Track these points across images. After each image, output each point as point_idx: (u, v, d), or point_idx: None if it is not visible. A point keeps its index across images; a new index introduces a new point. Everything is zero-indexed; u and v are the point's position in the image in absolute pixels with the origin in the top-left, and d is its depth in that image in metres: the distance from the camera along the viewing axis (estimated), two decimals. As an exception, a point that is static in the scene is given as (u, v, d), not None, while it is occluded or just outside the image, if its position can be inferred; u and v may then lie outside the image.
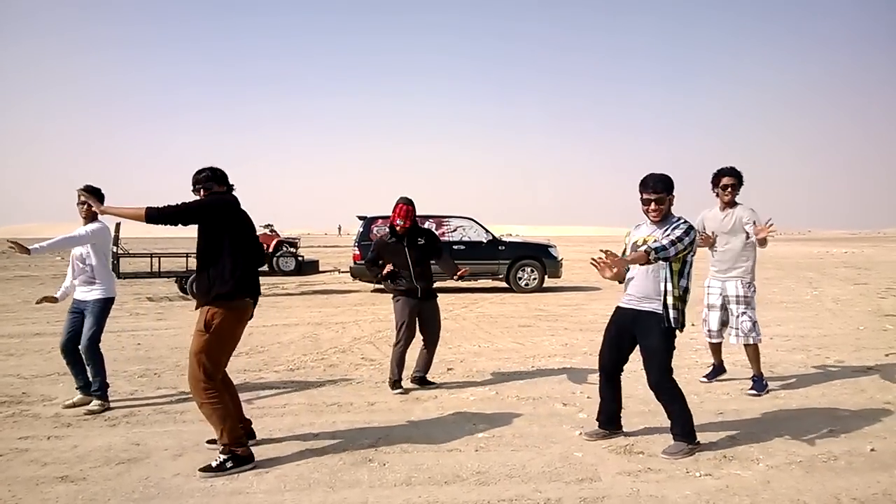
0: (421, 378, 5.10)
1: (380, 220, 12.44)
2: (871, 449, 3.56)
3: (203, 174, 3.61)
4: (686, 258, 3.51)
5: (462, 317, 9.25)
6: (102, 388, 4.52)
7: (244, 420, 3.75)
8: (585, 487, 3.10)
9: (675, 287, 3.49)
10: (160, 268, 12.48)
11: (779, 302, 10.62)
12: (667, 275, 3.48)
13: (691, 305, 3.74)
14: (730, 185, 4.78)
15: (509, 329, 8.11)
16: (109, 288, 4.63)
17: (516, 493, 3.04)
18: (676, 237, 3.39)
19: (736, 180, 4.78)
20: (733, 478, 3.19)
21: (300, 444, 3.74)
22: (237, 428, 3.44)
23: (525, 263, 12.69)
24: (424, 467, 3.37)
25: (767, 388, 4.81)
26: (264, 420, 4.19)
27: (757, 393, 4.72)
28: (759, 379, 4.82)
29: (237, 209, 3.58)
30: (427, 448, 3.66)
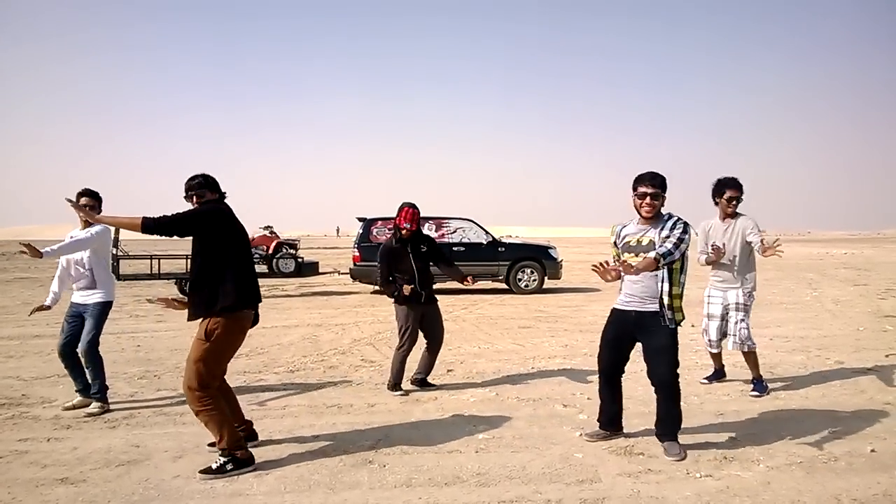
0: (421, 380, 5.10)
1: (379, 222, 12.44)
2: (872, 450, 3.56)
3: (196, 181, 3.55)
4: (686, 255, 3.54)
5: (462, 318, 9.25)
6: (102, 391, 4.51)
7: (245, 422, 3.74)
8: (586, 489, 3.10)
9: (676, 285, 3.51)
10: (160, 269, 12.49)
11: (779, 303, 10.62)
12: (664, 275, 3.48)
13: (691, 306, 3.74)
14: (734, 198, 4.78)
15: (509, 330, 8.11)
16: (109, 291, 4.62)
17: (516, 495, 3.04)
18: (678, 238, 3.41)
19: (739, 192, 4.79)
20: (734, 479, 3.19)
21: (300, 446, 3.74)
22: (235, 432, 3.43)
23: (525, 265, 12.70)
24: (424, 469, 3.37)
25: (768, 390, 4.82)
26: (264, 422, 4.19)
27: (759, 394, 4.73)
28: (760, 381, 4.82)
29: (232, 217, 3.54)
30: (427, 449, 3.66)
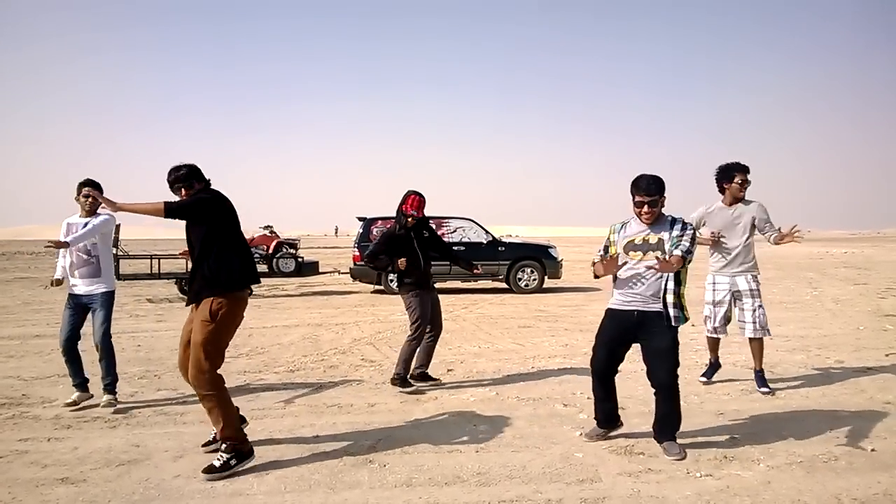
0: (423, 374, 5.10)
1: (379, 222, 12.44)
2: (872, 449, 3.56)
3: (183, 171, 3.57)
4: None
5: (462, 318, 9.25)
6: (114, 383, 4.58)
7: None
8: (586, 488, 3.10)
9: (682, 283, 3.52)
10: (160, 269, 12.49)
11: (779, 302, 10.61)
12: (670, 273, 3.48)
13: (691, 306, 3.73)
14: (745, 181, 4.78)
15: (509, 330, 8.10)
16: (112, 280, 4.72)
17: (517, 494, 3.04)
18: (691, 238, 3.47)
19: (748, 176, 4.78)
20: (734, 478, 3.19)
21: (300, 446, 3.74)
22: (238, 419, 3.47)
23: (525, 264, 12.71)
24: (425, 468, 3.37)
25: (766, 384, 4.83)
26: (264, 421, 4.20)
27: (769, 390, 4.73)
28: (762, 373, 4.84)
29: (230, 202, 3.64)
30: (427, 449, 3.66)
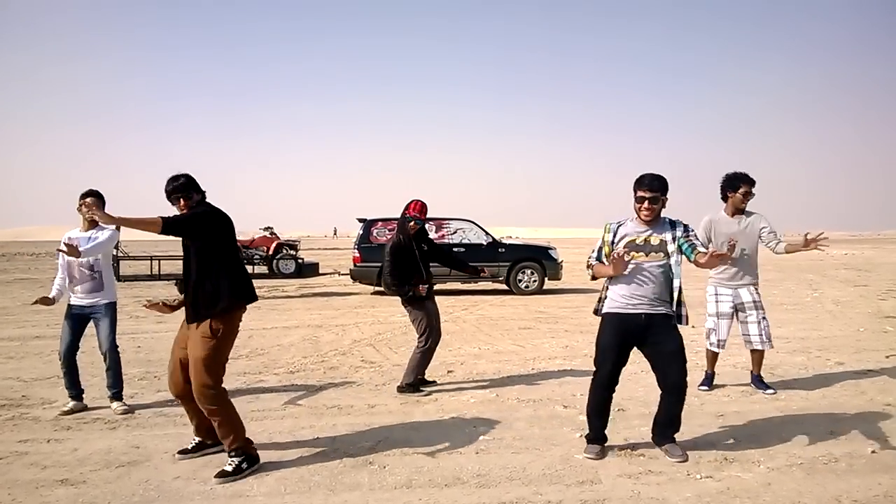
0: (422, 379, 5.10)
1: (379, 223, 12.45)
2: (872, 451, 3.55)
3: (181, 181, 3.48)
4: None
5: (462, 319, 9.25)
6: (121, 391, 4.62)
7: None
8: (586, 490, 3.10)
9: (679, 278, 3.50)
10: (160, 271, 12.49)
11: (779, 304, 10.61)
12: (676, 272, 3.45)
13: (691, 307, 3.73)
14: (749, 193, 4.75)
15: (509, 331, 8.10)
16: (114, 292, 4.71)
17: (517, 496, 3.03)
18: (695, 235, 3.53)
19: (753, 189, 4.76)
20: (734, 480, 3.19)
21: (300, 447, 3.74)
22: (244, 428, 3.48)
23: (525, 265, 12.71)
24: (425, 470, 3.37)
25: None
26: (264, 423, 4.19)
27: (773, 391, 4.77)
28: (760, 378, 4.89)
29: (228, 218, 3.58)
30: (427, 450, 3.66)
